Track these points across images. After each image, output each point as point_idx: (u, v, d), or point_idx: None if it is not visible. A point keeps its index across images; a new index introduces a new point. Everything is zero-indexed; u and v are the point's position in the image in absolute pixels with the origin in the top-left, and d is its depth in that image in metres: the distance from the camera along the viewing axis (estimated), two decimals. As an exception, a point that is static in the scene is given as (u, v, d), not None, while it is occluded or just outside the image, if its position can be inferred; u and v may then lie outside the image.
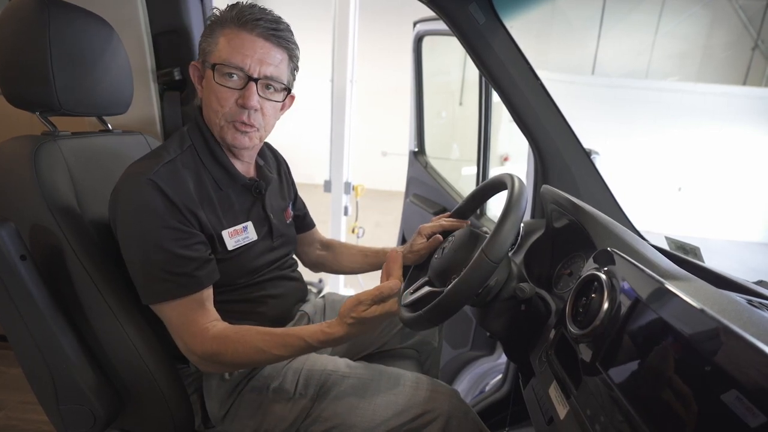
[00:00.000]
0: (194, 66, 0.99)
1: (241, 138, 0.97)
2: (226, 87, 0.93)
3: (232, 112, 0.95)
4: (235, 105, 0.94)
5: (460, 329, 1.87)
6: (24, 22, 0.88)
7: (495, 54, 1.18)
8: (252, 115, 0.95)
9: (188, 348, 0.89)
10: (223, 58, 0.92)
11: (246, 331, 0.90)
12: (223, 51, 0.92)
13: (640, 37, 7.20)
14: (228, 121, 0.95)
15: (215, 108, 0.95)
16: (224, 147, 1.01)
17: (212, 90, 0.94)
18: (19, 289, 0.84)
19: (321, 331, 0.87)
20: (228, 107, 0.94)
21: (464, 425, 0.97)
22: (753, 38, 7.01)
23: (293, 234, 1.22)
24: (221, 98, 0.93)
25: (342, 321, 0.86)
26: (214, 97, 0.94)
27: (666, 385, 0.51)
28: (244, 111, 0.94)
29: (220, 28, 0.94)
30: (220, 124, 0.96)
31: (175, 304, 0.88)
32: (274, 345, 0.88)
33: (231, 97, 0.93)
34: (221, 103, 0.94)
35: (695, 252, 0.99)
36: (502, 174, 0.95)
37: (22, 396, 1.92)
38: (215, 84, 0.93)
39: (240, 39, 0.92)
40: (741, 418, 0.41)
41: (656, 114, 6.95)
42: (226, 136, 0.97)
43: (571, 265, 0.99)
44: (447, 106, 3.58)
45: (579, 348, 0.69)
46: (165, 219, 0.86)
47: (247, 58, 0.92)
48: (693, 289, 0.62)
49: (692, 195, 7.19)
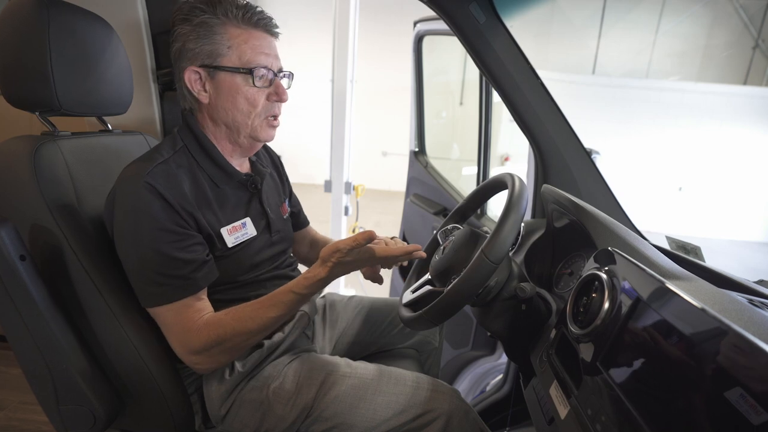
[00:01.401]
0: (194, 71, 0.94)
1: (272, 132, 1.03)
2: (259, 88, 0.96)
3: (266, 108, 0.99)
4: (267, 101, 0.99)
5: (460, 329, 1.87)
6: (24, 22, 0.88)
7: (495, 53, 1.18)
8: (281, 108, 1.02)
9: (186, 347, 0.89)
10: (251, 61, 0.94)
11: (235, 308, 0.92)
12: (247, 53, 0.94)
13: (641, 36, 7.19)
14: (262, 119, 0.99)
15: (246, 110, 0.97)
16: (227, 145, 1.01)
17: (239, 93, 0.95)
18: (19, 289, 0.84)
19: (303, 278, 0.91)
20: (261, 106, 0.98)
21: (465, 425, 0.97)
22: (753, 37, 7.01)
23: (290, 229, 1.22)
24: (253, 99, 0.96)
25: (324, 264, 0.89)
26: (243, 100, 0.96)
27: (667, 385, 0.51)
28: (275, 105, 1.01)
29: (222, 27, 0.92)
30: (253, 125, 0.99)
31: (170, 307, 0.88)
32: (266, 307, 0.90)
33: (262, 96, 0.97)
34: (254, 104, 0.97)
35: (696, 252, 0.98)
36: (503, 174, 0.95)
37: (22, 396, 1.92)
38: (249, 87, 0.95)
39: (255, 38, 0.95)
40: (744, 415, 0.41)
41: (657, 113, 6.96)
42: (259, 134, 1.01)
43: (571, 265, 0.99)
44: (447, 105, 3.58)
45: (580, 347, 0.68)
46: (160, 221, 0.86)
47: (269, 56, 0.97)
48: (694, 288, 0.62)
49: (693, 195, 7.19)
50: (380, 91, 7.38)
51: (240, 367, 1.00)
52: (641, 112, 6.99)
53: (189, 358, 0.90)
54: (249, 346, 0.95)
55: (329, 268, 0.88)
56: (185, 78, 0.94)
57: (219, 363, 0.94)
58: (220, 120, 0.98)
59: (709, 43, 7.16)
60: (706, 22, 7.15)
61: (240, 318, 0.90)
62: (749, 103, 6.93)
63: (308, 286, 0.90)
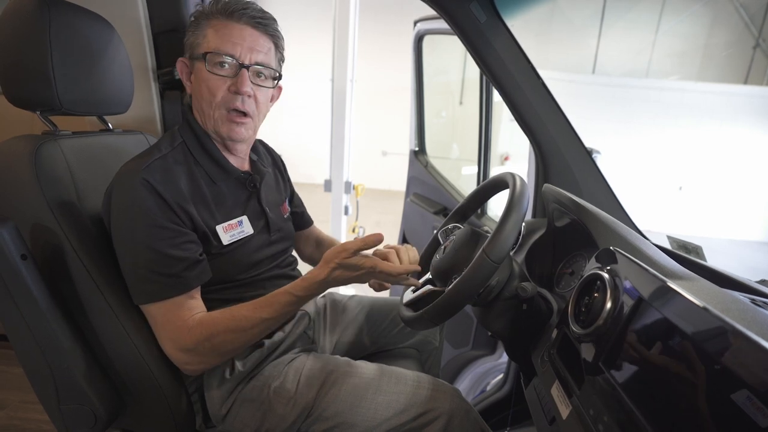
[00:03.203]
0: (182, 62, 1.00)
1: (237, 129, 0.99)
2: (218, 75, 0.94)
3: (226, 99, 0.96)
4: (228, 92, 0.95)
5: (461, 328, 1.87)
6: (25, 22, 0.88)
7: (496, 52, 1.18)
8: (246, 102, 0.97)
9: (176, 344, 0.89)
10: (213, 47, 0.93)
11: (231, 308, 0.91)
12: (213, 41, 0.93)
13: (641, 35, 7.19)
14: (222, 110, 0.96)
15: (207, 98, 0.96)
16: (218, 142, 1.01)
17: (203, 80, 0.95)
18: (20, 288, 0.84)
19: (302, 279, 0.90)
20: (220, 96, 0.95)
21: (466, 424, 0.97)
22: (754, 37, 7.00)
23: (291, 229, 1.21)
24: (213, 87, 0.94)
25: (326, 264, 0.88)
26: (205, 88, 0.95)
27: (669, 385, 0.51)
28: (237, 97, 0.95)
29: (206, 20, 0.95)
30: (214, 116, 0.97)
31: (162, 304, 0.88)
32: (260, 307, 0.90)
33: (223, 85, 0.95)
34: (213, 92, 0.95)
35: (697, 251, 0.98)
36: (504, 173, 0.95)
37: (24, 395, 1.92)
38: (207, 74, 0.94)
39: (228, 28, 0.94)
40: (752, 417, 0.41)
41: (657, 113, 6.95)
42: (221, 128, 0.98)
43: (572, 265, 0.99)
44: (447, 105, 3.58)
45: (581, 347, 0.68)
46: (155, 218, 0.86)
47: (237, 46, 0.94)
48: (696, 288, 0.61)
49: (693, 194, 7.19)
50: (380, 90, 7.38)
51: (240, 366, 1.00)
52: (641, 111, 6.99)
53: (178, 356, 0.90)
54: (240, 346, 0.93)
55: (330, 269, 0.87)
56: (178, 68, 1.00)
57: (208, 363, 0.93)
58: (196, 109, 1.00)
59: (710, 43, 7.16)
60: (706, 22, 7.14)
61: (234, 317, 0.89)
62: (749, 103, 6.93)
63: (306, 287, 0.89)
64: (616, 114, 6.98)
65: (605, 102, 7.03)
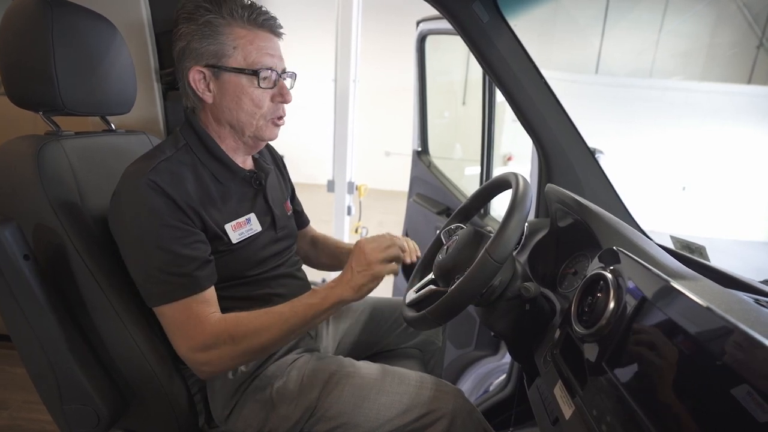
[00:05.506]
0: (198, 71, 0.93)
1: (276, 131, 1.04)
2: (264, 89, 0.96)
3: (271, 110, 1.00)
4: (271, 103, 0.99)
5: (463, 329, 1.86)
6: (27, 23, 0.88)
7: (499, 52, 1.17)
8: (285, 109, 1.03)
9: (193, 345, 0.87)
10: (257, 62, 0.94)
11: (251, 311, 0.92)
12: (251, 54, 0.94)
13: (644, 35, 7.16)
14: (267, 119, 1.00)
15: (251, 110, 0.97)
16: (222, 144, 1.01)
17: (245, 94, 0.95)
18: (23, 288, 0.84)
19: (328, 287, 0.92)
20: (266, 107, 0.98)
21: (469, 425, 0.97)
22: (758, 36, 6.96)
23: (294, 226, 1.22)
24: (258, 100, 0.97)
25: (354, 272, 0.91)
26: (248, 101, 0.96)
27: (673, 385, 0.50)
28: (280, 106, 1.01)
29: (227, 27, 0.92)
30: (257, 125, 0.99)
31: (175, 305, 0.87)
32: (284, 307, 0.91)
33: (267, 96, 0.98)
34: (259, 105, 0.97)
35: (701, 251, 0.98)
36: (507, 173, 0.94)
37: (26, 395, 1.93)
38: (254, 88, 0.95)
39: (259, 38, 0.95)
40: (751, 413, 0.41)
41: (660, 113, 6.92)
42: (263, 133, 1.01)
43: (575, 265, 0.99)
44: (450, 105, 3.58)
45: (584, 347, 0.68)
46: (164, 218, 0.85)
47: (273, 57, 0.97)
48: (700, 288, 0.61)
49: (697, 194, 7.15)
50: (383, 90, 7.37)
51: (243, 366, 1.00)
52: (645, 111, 6.96)
53: (195, 357, 0.88)
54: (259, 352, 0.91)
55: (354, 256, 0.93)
56: (189, 78, 0.94)
57: (223, 366, 0.91)
58: (224, 120, 0.98)
59: (713, 42, 7.13)
60: (709, 21, 7.11)
61: (253, 316, 0.90)
62: (753, 103, 6.89)
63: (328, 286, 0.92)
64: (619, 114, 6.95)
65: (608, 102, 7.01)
